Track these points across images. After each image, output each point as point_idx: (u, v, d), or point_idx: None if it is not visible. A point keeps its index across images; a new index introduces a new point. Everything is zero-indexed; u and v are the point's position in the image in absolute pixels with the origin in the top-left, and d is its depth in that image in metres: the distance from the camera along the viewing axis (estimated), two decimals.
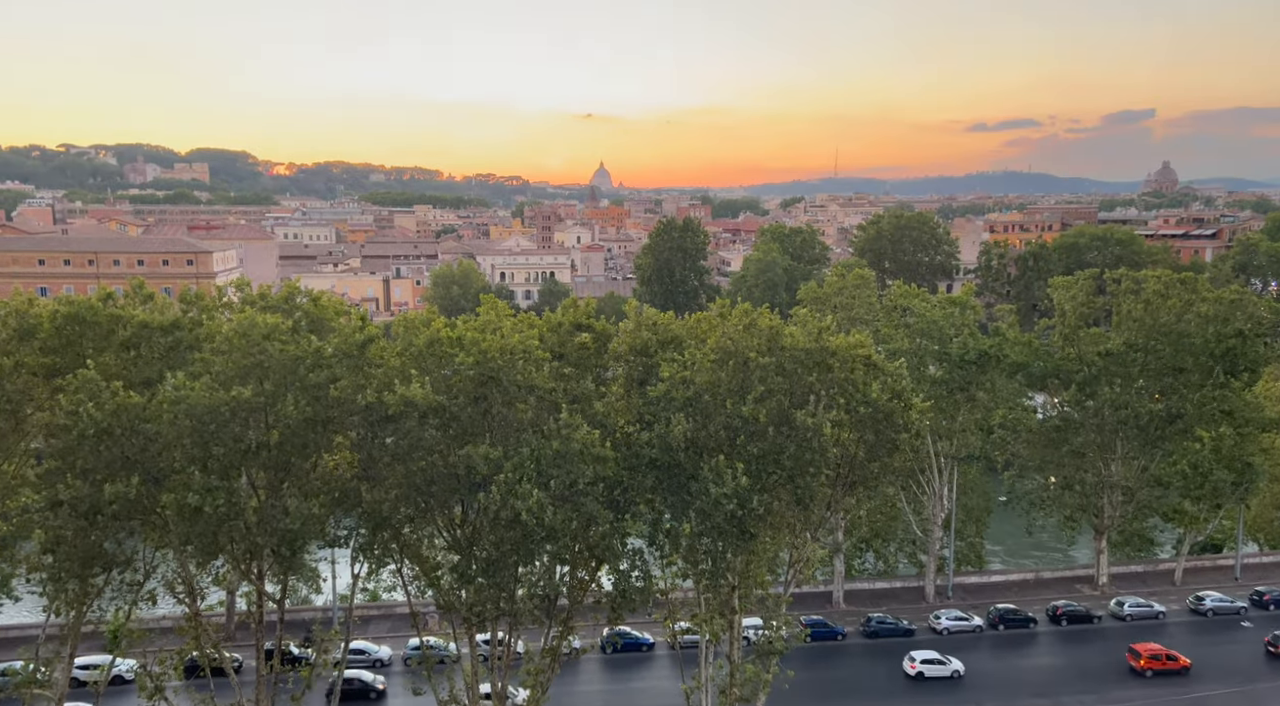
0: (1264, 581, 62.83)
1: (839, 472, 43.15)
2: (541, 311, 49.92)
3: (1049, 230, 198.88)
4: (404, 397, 38.22)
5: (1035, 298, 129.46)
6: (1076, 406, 60.28)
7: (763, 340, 42.63)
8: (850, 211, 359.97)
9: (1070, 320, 61.32)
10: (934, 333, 59.20)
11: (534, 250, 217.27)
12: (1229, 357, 58.00)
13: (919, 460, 58.63)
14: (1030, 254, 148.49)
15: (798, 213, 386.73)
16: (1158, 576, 65.53)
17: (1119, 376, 58.81)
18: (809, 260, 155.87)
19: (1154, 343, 58.31)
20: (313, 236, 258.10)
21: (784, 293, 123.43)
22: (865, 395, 42.37)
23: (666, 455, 40.19)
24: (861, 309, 72.61)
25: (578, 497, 38.87)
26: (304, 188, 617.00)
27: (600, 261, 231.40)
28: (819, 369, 43.08)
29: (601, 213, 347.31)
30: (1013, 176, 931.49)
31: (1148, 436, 58.82)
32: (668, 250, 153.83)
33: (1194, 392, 58.03)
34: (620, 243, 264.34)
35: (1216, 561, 68.14)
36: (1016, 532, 74.26)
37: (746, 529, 39.93)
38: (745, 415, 40.20)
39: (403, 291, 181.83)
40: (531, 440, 39.12)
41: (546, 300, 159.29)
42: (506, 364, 39.76)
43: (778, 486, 41.06)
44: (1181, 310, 58.63)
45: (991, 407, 60.25)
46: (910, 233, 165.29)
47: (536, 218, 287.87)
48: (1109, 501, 60.64)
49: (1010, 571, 68.72)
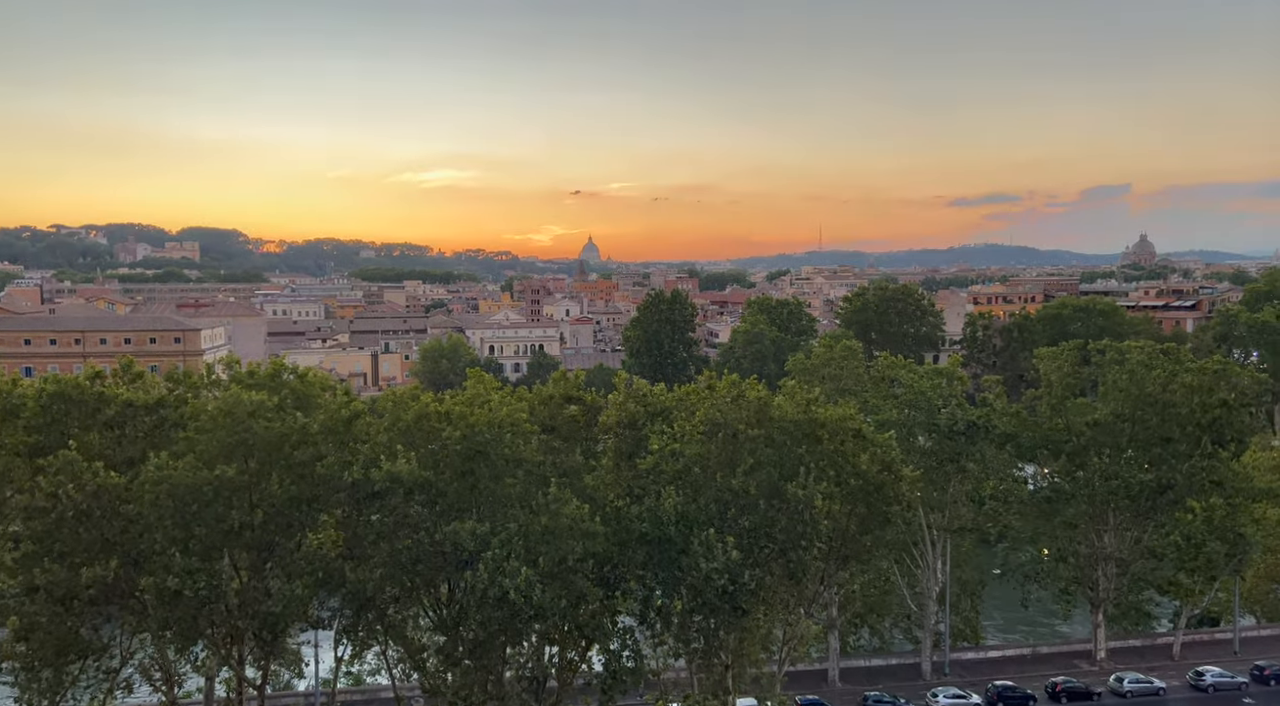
0: (1264, 655, 61.77)
1: (831, 546, 42.71)
2: (531, 384, 49.96)
3: (1032, 302, 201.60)
4: (390, 473, 37.83)
5: (1021, 368, 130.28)
6: (1067, 477, 60.15)
7: (751, 412, 42.66)
8: (836, 283, 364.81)
9: (1057, 391, 61.67)
10: (922, 403, 59.36)
11: (523, 323, 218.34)
12: (1215, 428, 58.25)
13: (911, 533, 58.09)
14: (1014, 325, 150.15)
15: (784, 285, 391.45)
16: (1156, 651, 64.36)
17: (1108, 446, 58.86)
18: (796, 332, 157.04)
19: (1140, 413, 58.58)
20: (301, 313, 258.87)
21: (772, 364, 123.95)
22: (855, 467, 42.25)
23: (657, 529, 39.71)
24: (849, 380, 73.00)
25: (567, 574, 38.23)
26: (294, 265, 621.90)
27: (589, 334, 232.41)
28: (808, 440, 43.05)
29: (590, 286, 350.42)
30: (995, 249, 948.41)
31: (1139, 507, 58.58)
32: (656, 322, 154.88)
33: (1183, 463, 58.05)
34: (609, 315, 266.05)
35: (1214, 635, 67.09)
36: (1012, 606, 73.11)
37: (739, 605, 39.23)
38: (735, 488, 39.96)
39: (391, 366, 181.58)
40: (520, 515, 38.66)
41: (535, 373, 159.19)
42: (494, 437, 39.56)
43: (770, 560, 40.56)
44: (1166, 380, 59.05)
45: (982, 479, 60.03)
46: (896, 304, 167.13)
47: (525, 291, 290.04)
48: (1103, 573, 59.99)
49: (1007, 646, 67.42)
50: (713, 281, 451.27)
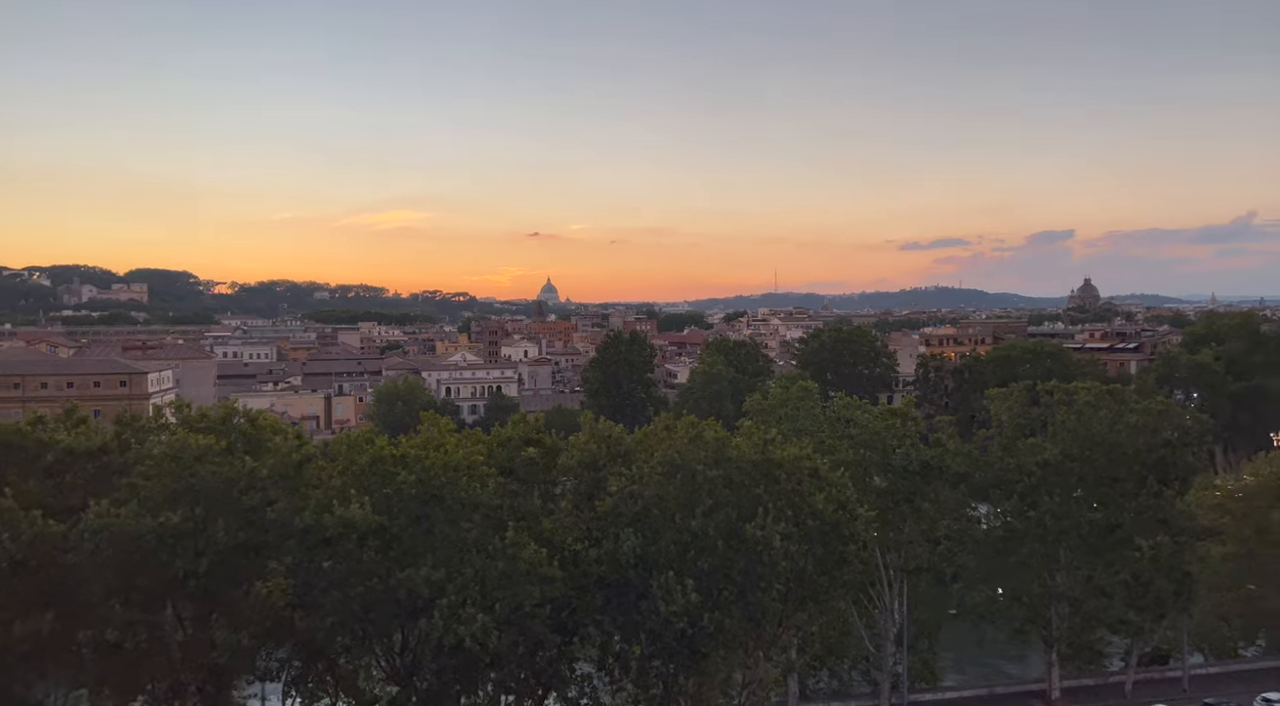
0: (1212, 692, 62.71)
1: (789, 587, 42.67)
2: (488, 426, 49.57)
3: (982, 343, 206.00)
4: (343, 519, 37.11)
5: (972, 409, 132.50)
6: (1019, 516, 61.05)
7: (710, 452, 42.81)
8: (792, 325, 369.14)
9: (1008, 431, 62.82)
10: (877, 443, 60.02)
11: (480, 365, 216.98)
12: (1160, 467, 59.74)
13: (868, 573, 58.28)
14: (965, 366, 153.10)
15: (741, 326, 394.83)
16: (1109, 689, 65.03)
17: (1058, 486, 59.95)
18: (753, 372, 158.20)
19: (1089, 453, 59.85)
20: (253, 355, 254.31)
21: (730, 404, 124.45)
22: (812, 507, 42.47)
23: (616, 572, 39.40)
24: (806, 420, 73.35)
25: (524, 620, 37.67)
26: (246, 306, 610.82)
27: (548, 375, 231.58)
28: (766, 480, 43.24)
29: (549, 327, 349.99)
30: (945, 292, 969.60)
31: (1089, 546, 59.58)
32: (615, 363, 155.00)
33: (1130, 501, 59.30)
34: (568, 356, 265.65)
35: (1165, 673, 68.01)
36: (968, 645, 73.48)
37: (698, 648, 38.94)
38: (694, 529, 39.87)
39: (345, 409, 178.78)
40: (476, 560, 38.10)
41: (493, 415, 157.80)
42: (451, 481, 39.10)
43: (729, 603, 40.38)
44: (1112, 421, 60.51)
45: (937, 518, 60.64)
46: (850, 346, 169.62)
47: (483, 333, 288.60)
48: (1056, 612, 60.68)
49: (964, 687, 67.64)
50: (671, 322, 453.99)
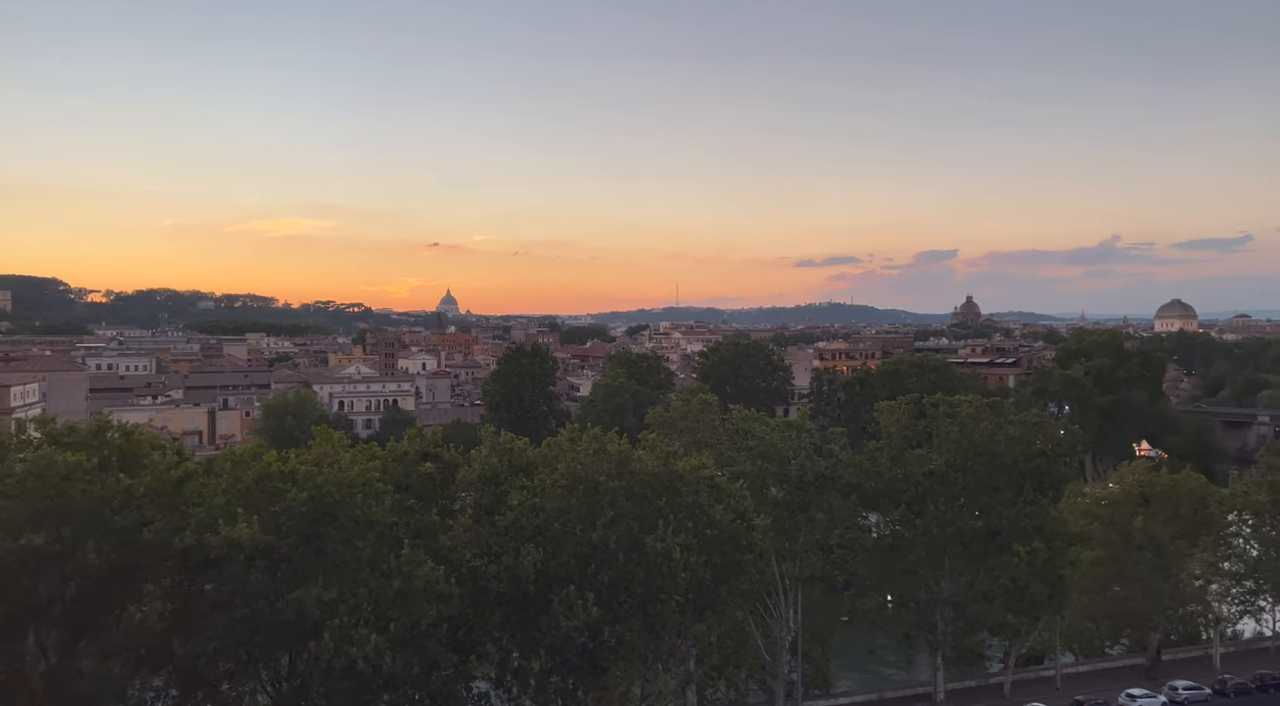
0: (1082, 690, 66.38)
1: (688, 597, 43.06)
2: (384, 441, 48.28)
3: (872, 357, 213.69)
4: (228, 539, 35.41)
5: (863, 420, 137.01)
6: (906, 525, 63.42)
7: (613, 464, 42.90)
8: (692, 339, 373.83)
9: (896, 442, 65.27)
10: (774, 455, 61.42)
11: (376, 378, 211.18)
12: (1036, 476, 63.13)
13: (765, 582, 59.41)
14: (857, 380, 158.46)
15: (643, 339, 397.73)
16: (989, 690, 68.02)
17: (943, 495, 62.57)
18: (655, 385, 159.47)
19: (971, 463, 62.72)
20: (130, 367, 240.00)
21: (632, 417, 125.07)
22: (711, 517, 43.04)
23: (515, 588, 38.94)
24: (706, 432, 74.50)
25: (420, 640, 36.75)
26: (123, 316, 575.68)
27: (447, 388, 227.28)
28: (668, 492, 43.59)
29: (448, 339, 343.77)
30: (838, 308, 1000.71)
31: (972, 552, 62.36)
32: (516, 376, 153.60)
33: (1009, 509, 62.38)
34: (468, 369, 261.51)
35: (1039, 673, 71.59)
36: (859, 651, 75.70)
37: (598, 662, 38.82)
38: (596, 541, 39.80)
39: (230, 424, 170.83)
40: (370, 579, 36.98)
41: (389, 429, 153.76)
42: (344, 498, 37.86)
43: (629, 615, 40.44)
44: (992, 432, 63.61)
45: (830, 527, 62.35)
46: (749, 359, 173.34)
47: (379, 345, 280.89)
48: (941, 617, 63.21)
49: (855, 693, 69.55)
50: (574, 335, 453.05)
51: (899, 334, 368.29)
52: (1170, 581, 70.13)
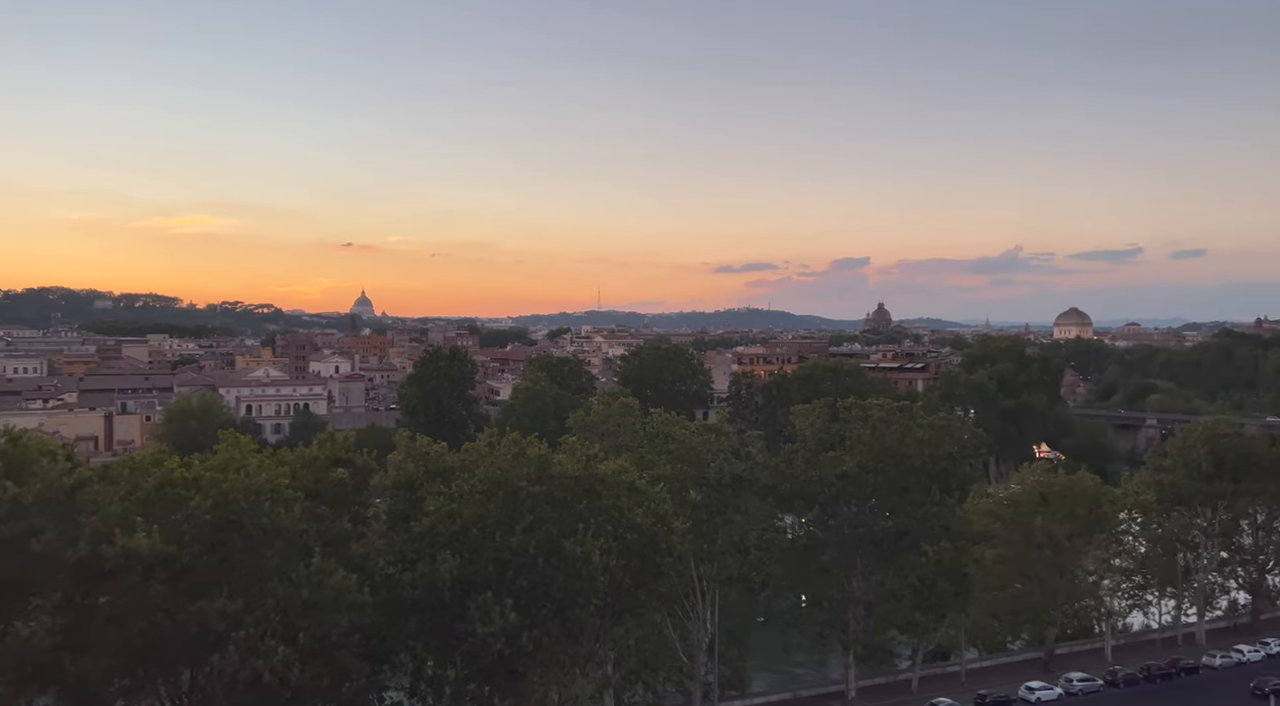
0: (985, 684, 68.91)
1: (607, 601, 43.08)
2: (294, 446, 46.83)
3: (789, 362, 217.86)
4: (125, 549, 33.82)
5: (780, 424, 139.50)
6: (820, 525, 64.87)
7: (532, 469, 42.63)
8: (614, 343, 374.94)
9: (811, 445, 66.70)
10: (693, 458, 62.05)
11: (286, 381, 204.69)
12: (943, 477, 65.35)
13: (683, 584, 59.88)
14: (774, 384, 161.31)
15: (565, 343, 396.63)
16: (898, 686, 70.04)
17: (855, 496, 64.24)
18: (576, 389, 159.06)
19: (882, 465, 64.54)
20: (18, 369, 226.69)
21: (553, 421, 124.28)
22: (631, 521, 43.18)
23: (431, 595, 38.29)
24: (627, 436, 74.67)
25: (330, 651, 35.78)
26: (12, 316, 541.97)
27: (361, 392, 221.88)
28: (588, 496, 43.54)
29: (363, 342, 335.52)
30: (756, 313, 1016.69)
31: (882, 552, 64.17)
32: (434, 379, 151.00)
33: (917, 510, 64.40)
34: (383, 372, 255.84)
35: (945, 668, 74.06)
36: (775, 651, 76.97)
37: (516, 668, 38.50)
38: (514, 547, 39.46)
39: (129, 428, 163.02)
40: (278, 589, 35.83)
41: (299, 434, 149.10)
42: (251, 506, 36.57)
43: (547, 621, 40.22)
44: (902, 435, 65.59)
45: (747, 529, 63.30)
46: (669, 363, 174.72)
47: (290, 347, 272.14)
48: (853, 616, 64.82)
49: (770, 692, 70.68)
50: (494, 338, 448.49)
51: (814, 339, 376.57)
52: (1067, 578, 73.51)
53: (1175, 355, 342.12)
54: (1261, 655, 75.28)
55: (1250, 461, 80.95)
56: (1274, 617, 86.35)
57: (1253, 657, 74.67)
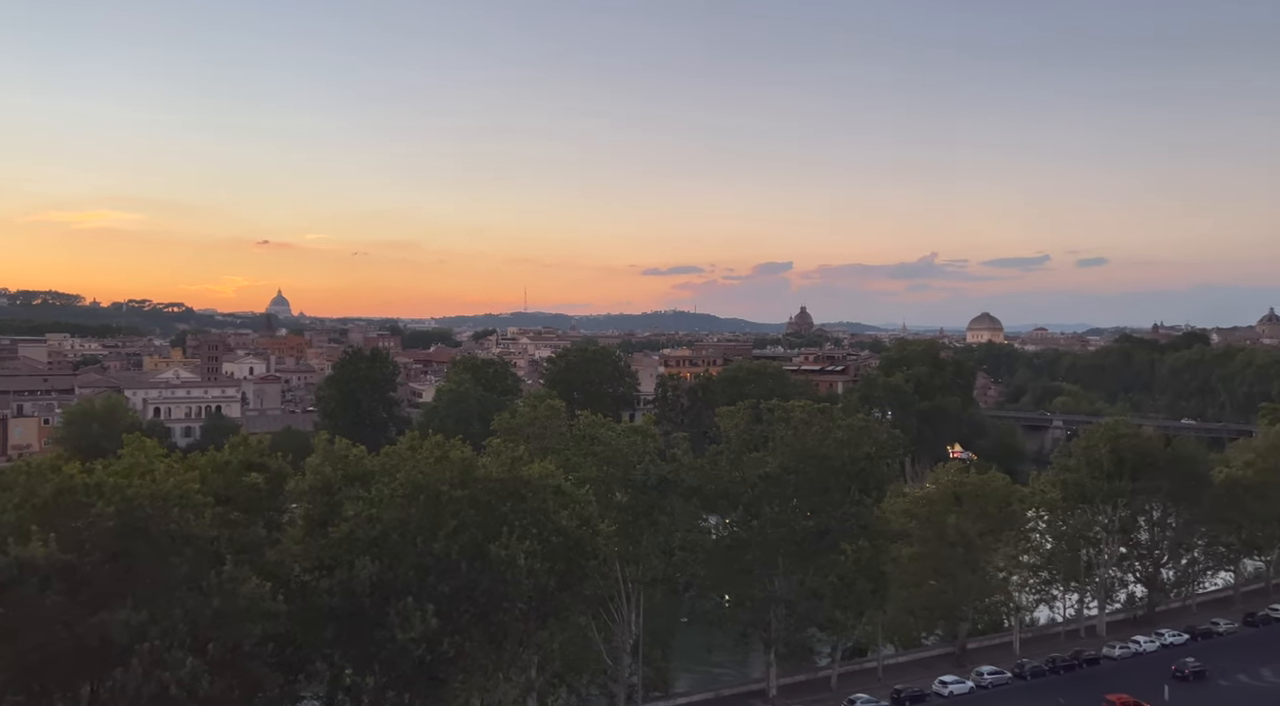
0: (901, 679, 70.86)
1: (532, 605, 42.77)
2: (205, 450, 45.13)
3: (714, 364, 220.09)
4: (18, 559, 32.07)
5: (705, 425, 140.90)
6: (744, 526, 65.74)
7: (456, 472, 42.02)
8: (540, 344, 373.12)
9: (735, 446, 67.55)
10: (619, 460, 62.14)
11: (197, 382, 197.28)
12: (862, 477, 66.97)
13: (608, 587, 59.90)
14: (699, 386, 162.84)
15: (490, 344, 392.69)
16: (817, 684, 71.42)
17: (777, 497, 65.28)
18: (502, 391, 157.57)
19: (803, 465, 65.77)
20: None
21: (477, 424, 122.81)
22: (556, 523, 42.97)
23: (349, 602, 37.38)
24: (553, 438, 74.31)
25: (242, 661, 34.57)
26: None
27: (277, 394, 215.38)
28: (513, 499, 43.16)
29: (279, 342, 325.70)
30: (682, 316, 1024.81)
31: (804, 551, 65.37)
32: (354, 381, 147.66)
33: (837, 509, 65.83)
34: (300, 373, 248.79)
35: (863, 665, 75.81)
36: (698, 651, 77.61)
37: (437, 675, 37.87)
38: (437, 552, 38.83)
39: (26, 432, 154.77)
40: (187, 599, 34.46)
41: (211, 437, 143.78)
42: (158, 512, 35.10)
43: (470, 625, 39.71)
44: (823, 436, 66.98)
45: (672, 530, 63.69)
46: (596, 365, 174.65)
47: (202, 347, 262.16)
48: (775, 615, 65.85)
49: (693, 692, 71.27)
50: (417, 339, 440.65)
51: (739, 342, 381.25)
52: (978, 574, 76.13)
53: (1080, 359, 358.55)
54: (1156, 645, 79.40)
55: (1147, 461, 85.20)
56: (1168, 610, 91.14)
57: (1148, 648, 78.71)
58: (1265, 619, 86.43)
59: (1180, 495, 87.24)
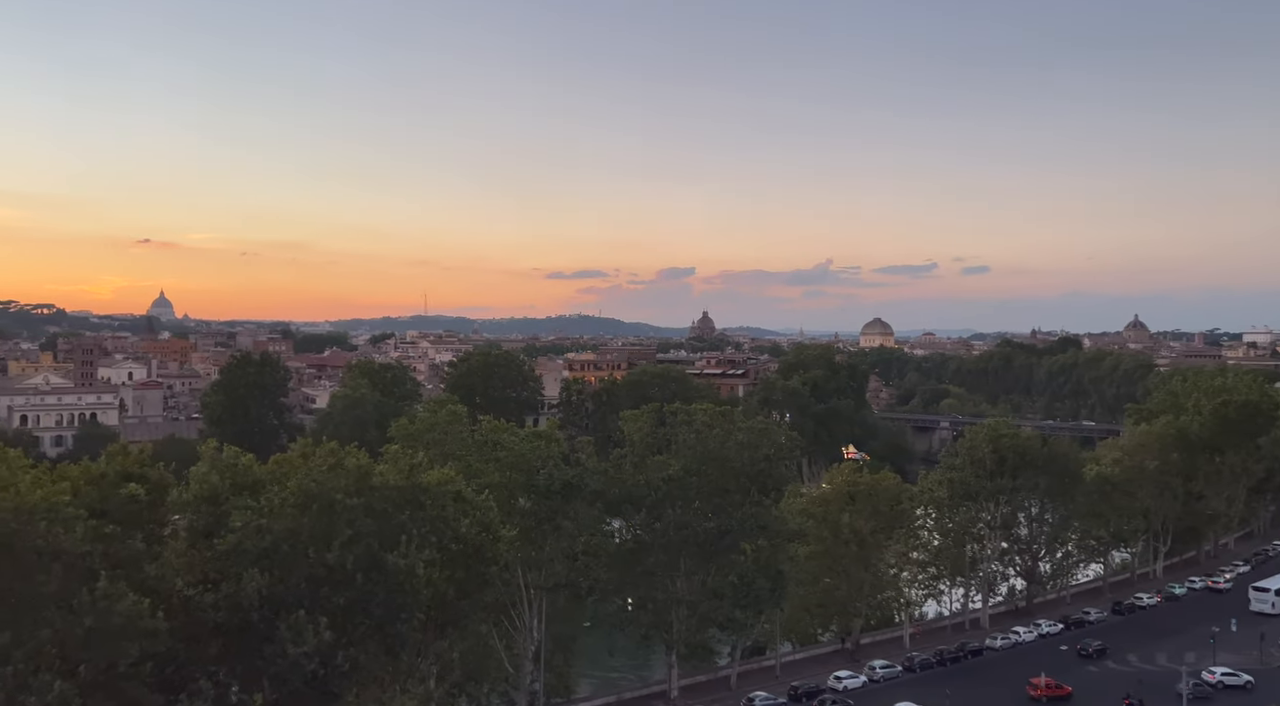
0: (798, 676, 72.53)
1: (430, 614, 41.94)
2: (79, 460, 42.46)
3: (619, 368, 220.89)
4: None
5: (610, 429, 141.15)
6: (647, 529, 66.21)
7: (351, 480, 40.84)
8: (442, 348, 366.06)
9: (639, 449, 67.96)
10: (522, 465, 61.59)
11: (69, 388, 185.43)
12: (761, 478, 68.39)
13: (510, 593, 59.30)
14: (604, 390, 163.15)
15: (388, 348, 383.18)
16: (717, 683, 72.44)
17: (680, 499, 66.03)
18: (401, 396, 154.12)
19: (705, 467, 66.73)
20: None
21: (374, 430, 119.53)
22: (456, 531, 42.28)
23: (236, 616, 35.85)
24: (454, 444, 73.05)
25: (117, 682, 32.68)
26: None
27: (159, 400, 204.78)
28: (411, 507, 42.24)
29: (161, 346, 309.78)
30: (587, 320, 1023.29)
31: (705, 552, 66.28)
32: (243, 387, 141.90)
33: (737, 510, 67.00)
34: (185, 379, 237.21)
35: (761, 663, 77.31)
36: (600, 655, 77.71)
37: (330, 689, 36.68)
38: (330, 563, 37.64)
39: None
40: (56, 618, 32.37)
41: (86, 447, 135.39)
42: (23, 527, 32.85)
43: (366, 637, 38.65)
44: (724, 438, 68.09)
45: (576, 535, 63.54)
46: (499, 370, 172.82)
47: (75, 351, 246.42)
48: (676, 616, 66.52)
49: (595, 696, 71.25)
50: (310, 343, 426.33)
51: (643, 346, 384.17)
52: (871, 571, 78.80)
53: (965, 363, 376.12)
54: (1035, 635, 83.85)
55: (1026, 460, 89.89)
56: (1044, 601, 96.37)
57: (1027, 638, 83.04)
58: (1130, 607, 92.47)
59: (1056, 492, 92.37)
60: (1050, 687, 66.67)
